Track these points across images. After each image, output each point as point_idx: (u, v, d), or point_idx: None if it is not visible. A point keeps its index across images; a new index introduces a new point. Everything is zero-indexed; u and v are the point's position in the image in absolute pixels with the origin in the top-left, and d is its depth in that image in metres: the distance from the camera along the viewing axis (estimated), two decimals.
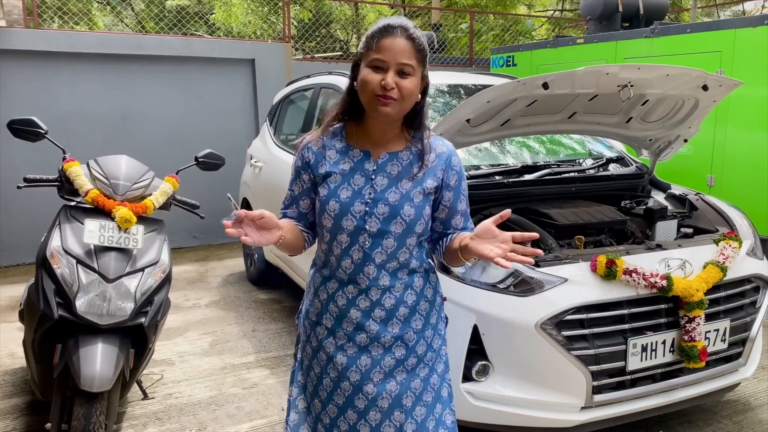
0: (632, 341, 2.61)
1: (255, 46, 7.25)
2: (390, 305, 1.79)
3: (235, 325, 4.63)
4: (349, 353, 1.81)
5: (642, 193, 3.64)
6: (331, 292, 1.82)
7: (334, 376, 1.82)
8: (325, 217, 1.76)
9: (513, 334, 2.56)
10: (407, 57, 1.65)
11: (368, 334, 1.79)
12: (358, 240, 1.74)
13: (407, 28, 1.67)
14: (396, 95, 1.65)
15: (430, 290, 1.88)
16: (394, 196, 1.73)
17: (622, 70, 2.77)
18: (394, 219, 1.72)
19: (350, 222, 1.73)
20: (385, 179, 1.75)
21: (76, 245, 2.68)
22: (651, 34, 6.09)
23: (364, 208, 1.73)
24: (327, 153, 1.80)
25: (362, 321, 1.79)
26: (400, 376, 1.81)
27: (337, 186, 1.75)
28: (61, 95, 6.30)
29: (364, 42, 1.71)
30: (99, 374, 2.47)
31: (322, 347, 1.84)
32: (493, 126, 3.05)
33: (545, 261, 2.68)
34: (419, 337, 1.84)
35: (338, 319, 1.81)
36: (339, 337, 1.82)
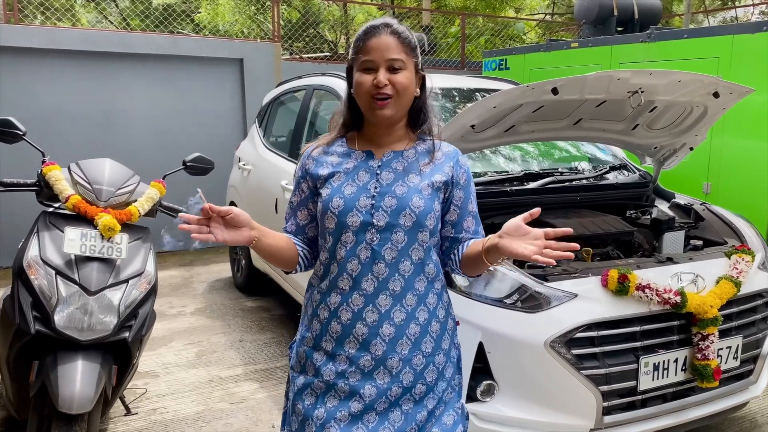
0: (644, 360, 2.48)
1: (243, 46, 7.08)
2: (400, 320, 1.65)
3: (221, 334, 4.46)
4: (352, 380, 1.65)
5: (646, 203, 3.54)
6: (333, 307, 1.67)
7: (331, 406, 1.66)
8: (329, 216, 1.66)
9: (520, 353, 2.42)
10: (394, 52, 1.62)
11: (373, 356, 1.64)
12: (365, 237, 1.64)
13: (390, 25, 1.64)
14: (391, 91, 1.61)
15: (443, 311, 1.74)
16: (402, 189, 1.66)
17: (633, 76, 2.65)
18: (402, 211, 1.63)
19: (356, 218, 1.64)
20: (391, 174, 1.68)
21: (56, 255, 2.51)
22: (647, 39, 6.01)
23: (370, 201, 1.65)
24: (328, 158, 1.73)
25: (368, 339, 1.64)
26: (406, 406, 1.67)
27: (341, 183, 1.68)
28: (41, 94, 6.08)
29: (352, 48, 1.68)
30: (79, 394, 2.30)
31: (320, 375, 1.68)
32: (497, 132, 2.92)
33: (553, 275, 2.56)
34: (428, 361, 1.69)
35: (339, 340, 1.67)
36: (340, 361, 1.66)
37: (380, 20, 1.66)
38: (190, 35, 9.23)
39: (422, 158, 1.71)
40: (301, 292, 4.04)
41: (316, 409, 1.66)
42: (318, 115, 4.40)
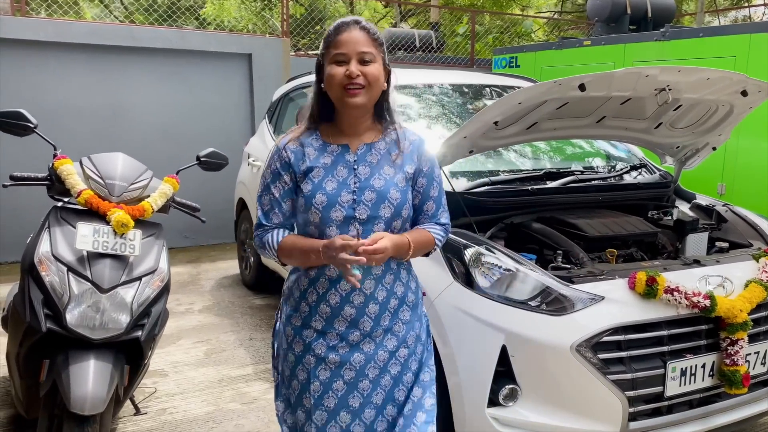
0: (671, 365, 2.41)
1: (252, 41, 7.02)
2: (382, 298, 1.82)
3: (230, 332, 4.40)
4: (341, 352, 1.81)
5: (667, 203, 3.46)
6: (322, 292, 1.81)
7: (324, 378, 1.82)
8: (312, 211, 1.77)
9: (545, 357, 2.35)
10: (365, 45, 1.73)
11: (361, 330, 1.81)
12: (348, 230, 1.76)
13: (359, 21, 1.77)
14: (363, 82, 1.72)
15: (413, 283, 1.93)
16: (379, 182, 1.78)
17: (661, 73, 2.58)
18: (382, 203, 1.77)
19: (339, 212, 1.76)
20: (367, 168, 1.80)
21: (67, 251, 2.44)
22: (662, 38, 5.93)
23: (352, 197, 1.76)
24: (306, 150, 1.81)
25: (356, 318, 1.80)
26: (394, 370, 1.86)
27: (321, 179, 1.77)
28: (48, 87, 6.02)
29: (323, 43, 1.79)
30: (91, 395, 2.24)
31: (310, 350, 1.82)
32: (518, 129, 2.85)
33: (579, 277, 2.48)
34: (408, 328, 1.88)
35: (329, 319, 1.81)
36: (330, 337, 1.82)
37: (350, 18, 1.78)
38: (199, 29, 9.16)
39: (392, 149, 1.83)
40: None
41: (311, 384, 1.82)
42: None
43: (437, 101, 3.85)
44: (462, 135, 2.68)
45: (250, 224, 5.18)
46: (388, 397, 1.85)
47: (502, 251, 2.56)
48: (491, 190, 2.99)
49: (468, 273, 2.52)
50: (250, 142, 5.46)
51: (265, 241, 1.83)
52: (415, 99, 3.79)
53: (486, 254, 2.53)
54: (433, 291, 2.60)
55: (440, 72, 4.84)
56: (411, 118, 3.56)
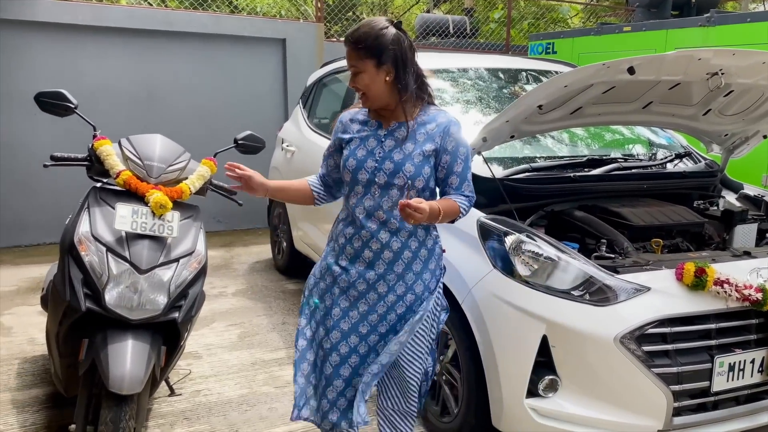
0: (719, 359, 2.33)
1: (286, 26, 6.98)
2: (396, 248, 2.17)
3: (264, 316, 4.41)
4: (360, 288, 2.20)
5: (713, 193, 3.35)
6: (349, 236, 2.21)
7: (344, 306, 2.22)
8: (345, 171, 2.19)
9: (587, 348, 2.29)
10: (352, 60, 2.10)
11: (376, 272, 2.18)
12: (370, 190, 2.15)
13: (349, 36, 2.09)
14: (362, 90, 2.11)
15: (431, 241, 2.23)
16: (399, 156, 2.12)
17: (715, 56, 2.48)
18: (397, 174, 2.10)
19: (364, 175, 2.15)
20: (393, 142, 2.14)
21: (107, 231, 2.45)
22: (707, 23, 5.73)
23: (374, 164, 2.13)
24: (352, 125, 2.25)
25: (373, 260, 2.18)
26: (399, 310, 2.20)
27: (356, 147, 2.18)
28: (85, 70, 6.07)
29: None
30: (129, 375, 2.24)
31: (336, 283, 2.24)
32: (562, 114, 2.77)
33: (623, 266, 2.41)
34: (417, 278, 2.20)
35: (352, 260, 2.21)
36: (352, 274, 2.21)
37: (352, 29, 2.11)
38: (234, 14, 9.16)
39: (420, 128, 2.14)
40: None
41: (332, 309, 2.24)
42: None
43: (474, 85, 3.78)
44: (504, 119, 2.61)
45: (283, 209, 5.18)
46: (391, 329, 2.21)
47: (543, 239, 2.50)
48: (532, 177, 2.92)
49: (508, 261, 2.46)
50: (283, 127, 5.44)
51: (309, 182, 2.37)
52: (451, 83, 3.72)
53: (527, 242, 2.47)
54: (471, 278, 2.56)
55: (476, 56, 4.76)
56: (446, 102, 3.50)
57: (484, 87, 3.80)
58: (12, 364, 3.58)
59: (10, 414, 3.03)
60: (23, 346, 3.82)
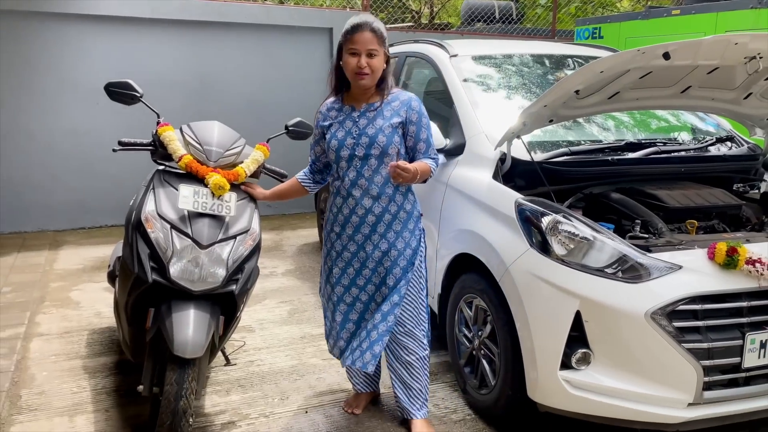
0: (750, 336, 2.40)
1: (334, 15, 7.15)
2: (378, 212, 2.66)
3: (311, 294, 4.62)
4: (351, 249, 2.73)
5: (755, 177, 3.37)
6: (338, 206, 2.73)
7: (342, 265, 2.78)
8: (330, 152, 2.68)
9: (619, 323, 2.40)
10: (372, 44, 2.52)
11: (363, 234, 2.69)
12: (352, 163, 2.64)
13: (370, 23, 2.52)
14: (368, 71, 2.54)
15: (409, 205, 2.72)
16: (371, 130, 2.60)
17: (752, 40, 2.52)
18: (372, 145, 2.59)
19: (345, 152, 2.64)
20: (365, 120, 2.63)
21: (171, 210, 2.67)
22: (758, 5, 5.63)
23: (353, 141, 2.62)
24: (330, 113, 2.73)
25: (359, 224, 2.68)
26: (386, 263, 2.71)
27: (336, 130, 2.66)
28: (143, 61, 6.39)
29: (342, 36, 2.56)
30: (192, 341, 2.47)
31: (333, 247, 2.79)
32: (600, 99, 2.85)
33: (657, 246, 2.50)
34: (398, 235, 2.70)
35: (343, 225, 2.72)
36: (344, 239, 2.74)
37: (363, 19, 2.52)
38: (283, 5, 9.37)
39: (386, 106, 2.63)
40: None
41: (332, 270, 2.80)
42: (410, 82, 4.42)
43: (516, 71, 3.86)
44: (542, 104, 2.71)
45: (329, 193, 5.36)
46: (382, 281, 2.72)
47: (579, 219, 2.60)
48: (570, 160, 3.01)
49: (545, 240, 2.58)
50: None
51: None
52: (495, 69, 3.82)
53: (563, 222, 2.57)
54: (509, 257, 2.68)
55: (517, 42, 4.82)
56: (491, 89, 3.61)
57: (525, 73, 3.88)
58: (82, 335, 3.88)
59: (83, 378, 3.32)
60: (91, 319, 4.12)
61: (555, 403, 2.57)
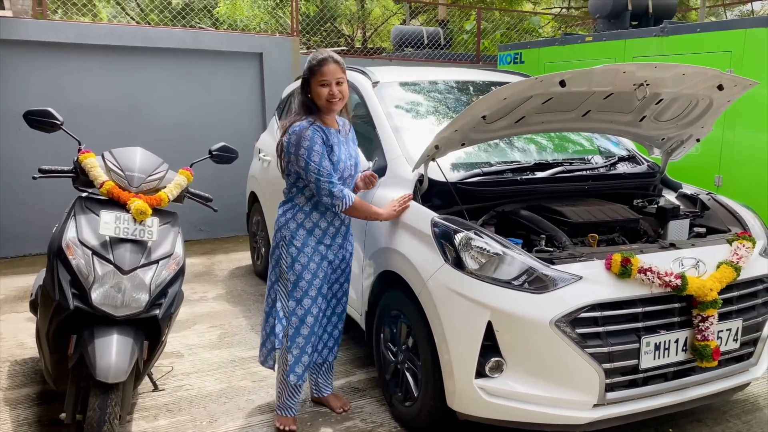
0: (645, 340, 2.61)
1: (263, 40, 7.25)
2: (347, 222, 3.09)
3: (243, 318, 4.64)
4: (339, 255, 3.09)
5: (653, 192, 3.64)
6: (330, 220, 2.98)
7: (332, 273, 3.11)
8: (335, 172, 2.85)
9: (527, 331, 2.56)
10: (339, 73, 2.82)
11: (339, 242, 3.05)
12: (346, 182, 2.94)
13: (333, 56, 2.83)
14: (339, 96, 2.82)
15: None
16: (354, 152, 3.01)
17: (638, 69, 2.76)
18: (356, 168, 3.03)
19: (347, 172, 2.94)
20: (346, 145, 2.95)
21: (92, 236, 2.69)
22: (661, 33, 6.07)
23: (350, 162, 2.95)
24: (326, 134, 2.84)
25: (338, 232, 3.03)
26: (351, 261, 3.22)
27: (339, 152, 2.88)
28: (68, 87, 6.29)
29: (307, 70, 2.83)
30: (114, 365, 2.48)
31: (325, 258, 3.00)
32: (507, 123, 3.05)
33: (560, 258, 2.69)
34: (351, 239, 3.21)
35: (334, 236, 3.02)
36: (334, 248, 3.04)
37: (326, 53, 2.83)
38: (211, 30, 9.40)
39: (347, 132, 3.02)
40: None
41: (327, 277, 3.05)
42: None
43: (436, 97, 4.06)
44: (453, 128, 2.88)
45: (261, 216, 5.41)
46: (346, 278, 3.20)
47: (489, 236, 2.77)
48: (483, 180, 3.19)
49: (458, 256, 2.73)
50: (260, 137, 5.69)
51: (345, 194, 2.83)
52: (416, 95, 3.99)
53: (475, 239, 2.73)
54: (426, 272, 2.81)
55: (440, 69, 5.04)
56: (412, 114, 3.78)
57: (444, 99, 4.08)
58: (3, 366, 3.79)
59: (4, 411, 3.24)
60: (13, 350, 4.02)
61: (472, 410, 2.71)
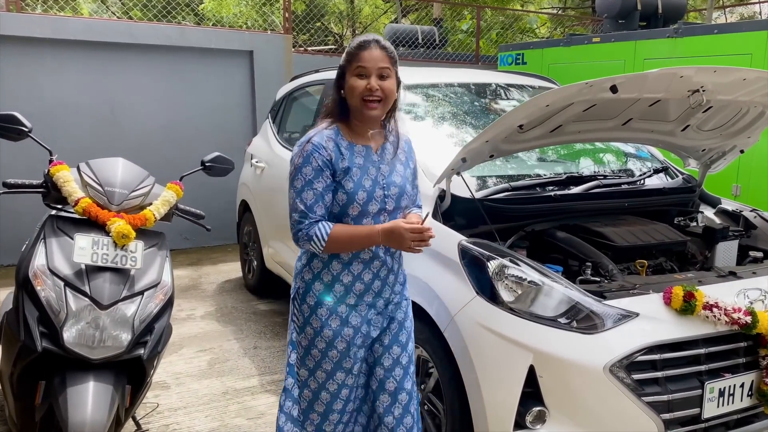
0: (709, 385, 2.27)
1: (254, 37, 6.83)
2: (397, 269, 2.21)
3: (234, 340, 4.24)
4: (370, 317, 2.16)
5: (691, 209, 3.32)
6: (357, 272, 2.11)
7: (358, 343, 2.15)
8: (353, 206, 2.03)
9: (576, 377, 2.20)
10: (384, 62, 2.00)
11: (384, 299, 2.18)
12: (380, 218, 2.07)
13: (379, 40, 2.03)
14: (380, 95, 1.99)
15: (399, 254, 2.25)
16: (398, 179, 2.11)
17: (697, 73, 2.42)
18: (402, 197, 2.12)
19: (374, 205, 2.06)
20: (387, 167, 2.10)
21: (64, 264, 2.28)
22: (674, 35, 5.77)
23: (383, 192, 2.07)
24: (340, 150, 2.03)
25: (381, 289, 2.16)
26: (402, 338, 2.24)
27: (360, 178, 2.03)
28: (44, 85, 5.84)
29: (345, 57, 2.03)
30: (90, 420, 2.08)
31: (347, 323, 2.12)
32: (542, 132, 2.70)
33: (611, 291, 2.34)
34: (402, 298, 2.27)
35: (361, 295, 2.13)
36: (361, 308, 2.14)
37: (371, 36, 2.04)
38: (199, 26, 8.97)
39: (396, 149, 2.15)
40: None
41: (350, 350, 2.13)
42: None
43: (450, 101, 3.69)
44: (484, 139, 2.53)
45: (252, 226, 5.02)
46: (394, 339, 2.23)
47: (527, 263, 2.41)
48: (512, 197, 2.84)
49: (491, 286, 2.37)
50: (252, 142, 5.29)
51: (312, 233, 1.99)
52: (428, 99, 3.63)
53: (510, 266, 2.38)
54: (454, 306, 2.45)
55: (449, 70, 4.69)
56: (426, 120, 3.41)
57: (459, 103, 3.72)
58: None
59: None
60: None
61: None
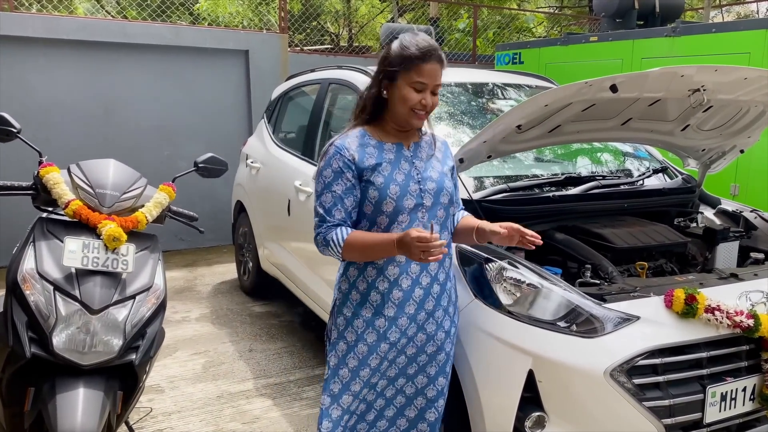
0: (711, 389, 2.23)
1: (249, 37, 6.78)
2: (442, 279, 2.07)
3: (229, 343, 4.19)
4: (410, 333, 2.04)
5: (691, 209, 3.28)
6: (393, 278, 1.99)
7: (392, 357, 2.05)
8: (387, 202, 1.95)
9: (576, 382, 2.16)
10: (440, 78, 1.95)
11: (426, 311, 2.05)
12: (417, 215, 1.98)
13: (439, 51, 1.93)
14: (429, 110, 1.96)
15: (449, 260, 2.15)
16: (435, 174, 2.04)
17: (698, 72, 2.39)
18: (441, 192, 2.03)
19: (410, 201, 1.98)
20: (422, 162, 2.04)
21: (54, 268, 2.23)
22: (672, 33, 5.74)
23: (418, 186, 1.99)
24: (366, 149, 1.98)
25: (423, 298, 2.03)
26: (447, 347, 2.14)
27: (391, 172, 1.97)
28: (37, 85, 5.77)
29: (401, 60, 1.91)
30: (80, 428, 2.04)
31: (384, 338, 2.02)
32: (540, 132, 2.66)
33: (611, 294, 2.30)
34: (452, 306, 2.17)
35: (401, 304, 2.01)
36: (402, 322, 2.02)
37: (432, 44, 1.92)
38: (194, 25, 8.91)
39: (430, 148, 2.11)
40: (313, 297, 3.78)
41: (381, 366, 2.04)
42: (334, 110, 4.13)
43: (447, 101, 3.65)
44: (482, 139, 2.49)
45: (248, 228, 4.97)
46: (441, 370, 2.13)
47: (525, 265, 2.37)
48: (510, 198, 2.80)
49: (490, 289, 2.33)
50: (248, 142, 5.24)
51: (329, 238, 1.92)
52: None
53: (509, 269, 2.34)
54: None
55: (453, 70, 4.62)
56: None
57: (457, 102, 3.67)
58: None
59: None
60: None
61: None
